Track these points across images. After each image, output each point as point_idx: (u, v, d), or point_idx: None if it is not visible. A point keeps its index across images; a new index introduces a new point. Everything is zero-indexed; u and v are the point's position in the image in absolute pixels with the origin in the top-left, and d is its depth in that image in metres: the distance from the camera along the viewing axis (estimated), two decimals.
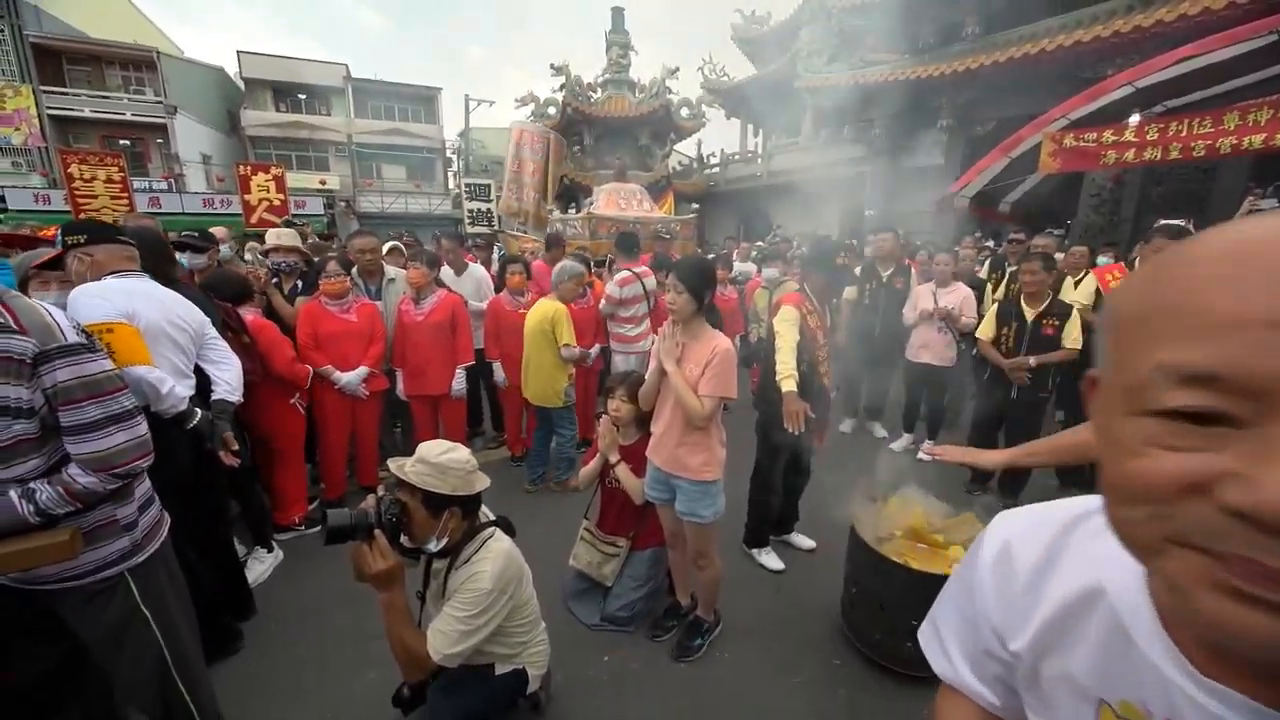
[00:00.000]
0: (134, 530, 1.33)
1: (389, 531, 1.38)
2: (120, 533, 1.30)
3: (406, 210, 21.46)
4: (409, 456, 1.48)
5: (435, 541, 1.47)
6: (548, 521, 3.09)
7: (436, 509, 1.44)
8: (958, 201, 7.99)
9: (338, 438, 3.14)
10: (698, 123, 14.75)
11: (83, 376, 1.18)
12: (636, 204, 7.16)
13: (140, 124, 17.68)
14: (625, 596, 2.33)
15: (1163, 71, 5.75)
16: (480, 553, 1.51)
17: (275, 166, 7.85)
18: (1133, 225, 7.73)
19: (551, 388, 3.37)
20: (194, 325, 2.03)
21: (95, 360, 1.22)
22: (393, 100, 23.19)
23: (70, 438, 1.19)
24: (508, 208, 8.18)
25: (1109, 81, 6.31)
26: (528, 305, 3.78)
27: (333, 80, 21.61)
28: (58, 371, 1.15)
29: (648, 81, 14.32)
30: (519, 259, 3.99)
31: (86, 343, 1.21)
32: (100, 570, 1.27)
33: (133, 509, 1.34)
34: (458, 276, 4.12)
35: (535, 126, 8.59)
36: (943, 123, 9.86)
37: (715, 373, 1.87)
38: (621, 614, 2.31)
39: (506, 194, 8.19)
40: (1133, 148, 5.79)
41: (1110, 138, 5.95)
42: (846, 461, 3.71)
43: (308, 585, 2.55)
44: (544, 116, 13.77)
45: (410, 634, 1.44)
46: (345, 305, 3.11)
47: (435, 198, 22.49)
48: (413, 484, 1.41)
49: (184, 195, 14.67)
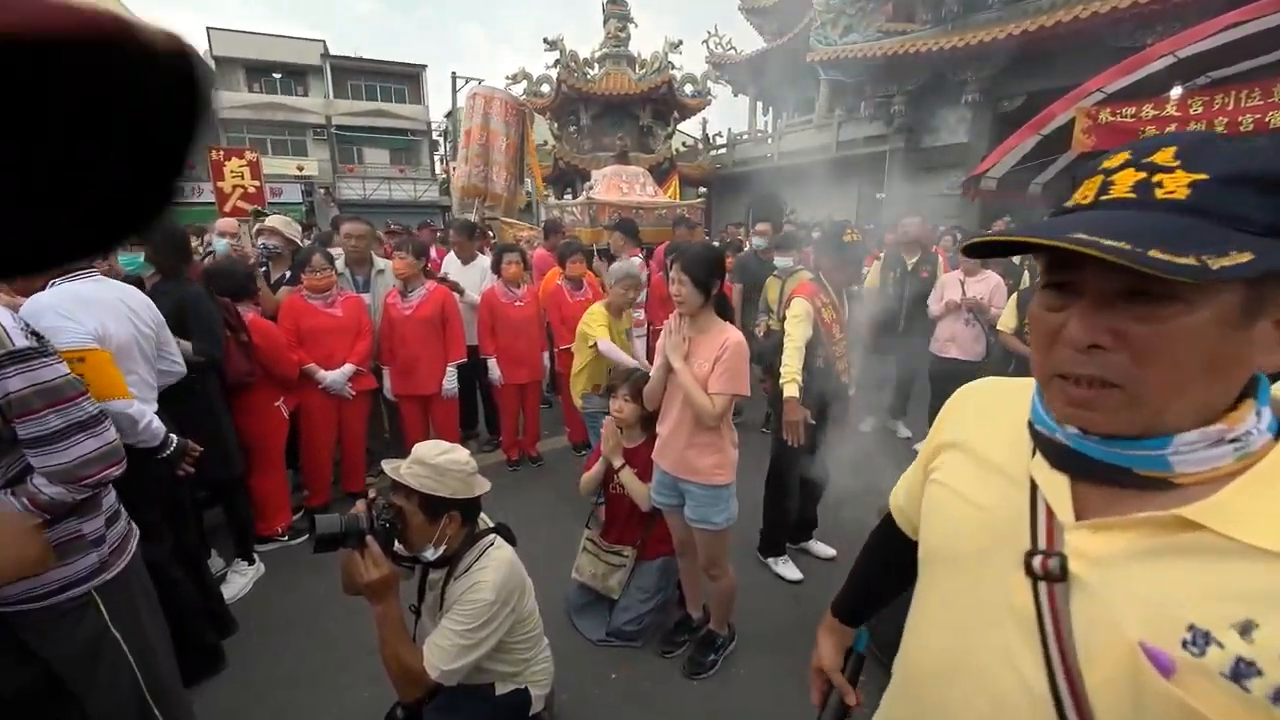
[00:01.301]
0: (101, 546, 1.32)
1: (382, 538, 1.38)
2: (87, 548, 1.29)
3: (391, 197, 21.47)
4: (402, 459, 1.48)
5: (432, 549, 1.47)
6: (549, 530, 3.10)
7: (434, 514, 1.44)
8: (985, 183, 7.94)
9: (323, 441, 3.15)
10: (703, 100, 14.67)
11: (38, 384, 1.15)
12: (639, 188, 7.13)
13: None
14: (633, 609, 2.33)
15: (1208, 39, 5.69)
16: (480, 561, 1.51)
17: (250, 151, 7.83)
18: None
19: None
20: (155, 326, 2.01)
21: (50, 365, 1.19)
22: (375, 79, 23.15)
23: (32, 451, 1.17)
24: (470, 188, 6.63)
25: (1149, 51, 6.25)
26: (524, 298, 3.79)
27: (310, 58, 21.57)
28: (9, 380, 1.13)
29: (649, 56, 14.24)
30: (515, 248, 3.98)
31: (38, 346, 1.18)
32: (67, 589, 1.26)
33: (99, 523, 1.33)
34: (464, 267, 4.13)
35: (506, 93, 6.96)
36: (968, 98, 9.79)
37: (726, 368, 1.86)
38: (629, 628, 2.31)
39: (467, 171, 6.65)
40: (1175, 123, 5.74)
41: (1150, 112, 5.90)
42: (868, 464, 3.70)
43: (294, 598, 2.56)
44: (537, 95, 13.71)
45: (406, 649, 1.43)
46: (329, 299, 3.11)
47: (421, 183, 22.49)
48: (409, 487, 1.41)
49: None
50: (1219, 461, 0.47)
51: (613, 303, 3.27)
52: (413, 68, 23.55)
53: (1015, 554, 0.55)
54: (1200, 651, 0.45)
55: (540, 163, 14.64)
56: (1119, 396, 0.48)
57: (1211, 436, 0.47)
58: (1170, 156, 0.47)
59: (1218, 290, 0.44)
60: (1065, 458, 0.54)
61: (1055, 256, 0.49)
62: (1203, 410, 0.47)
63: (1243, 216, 0.43)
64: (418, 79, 23.73)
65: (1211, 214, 0.44)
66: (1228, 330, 0.45)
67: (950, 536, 0.65)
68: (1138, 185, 0.47)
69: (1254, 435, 0.47)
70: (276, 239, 3.51)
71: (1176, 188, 0.45)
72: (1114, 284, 0.47)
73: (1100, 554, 0.51)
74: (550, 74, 13.86)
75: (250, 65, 21.36)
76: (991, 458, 0.63)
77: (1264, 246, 0.42)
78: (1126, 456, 0.50)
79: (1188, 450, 0.48)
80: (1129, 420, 0.49)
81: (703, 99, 14.66)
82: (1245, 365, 0.47)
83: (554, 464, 4.03)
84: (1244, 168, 0.44)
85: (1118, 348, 0.47)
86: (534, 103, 13.94)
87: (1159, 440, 0.48)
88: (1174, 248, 0.41)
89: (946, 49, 9.18)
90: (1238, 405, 0.48)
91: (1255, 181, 0.44)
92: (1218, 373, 0.46)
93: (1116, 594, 0.50)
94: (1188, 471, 0.48)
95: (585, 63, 14.14)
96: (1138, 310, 0.46)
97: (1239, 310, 0.44)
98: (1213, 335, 0.45)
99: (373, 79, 23.13)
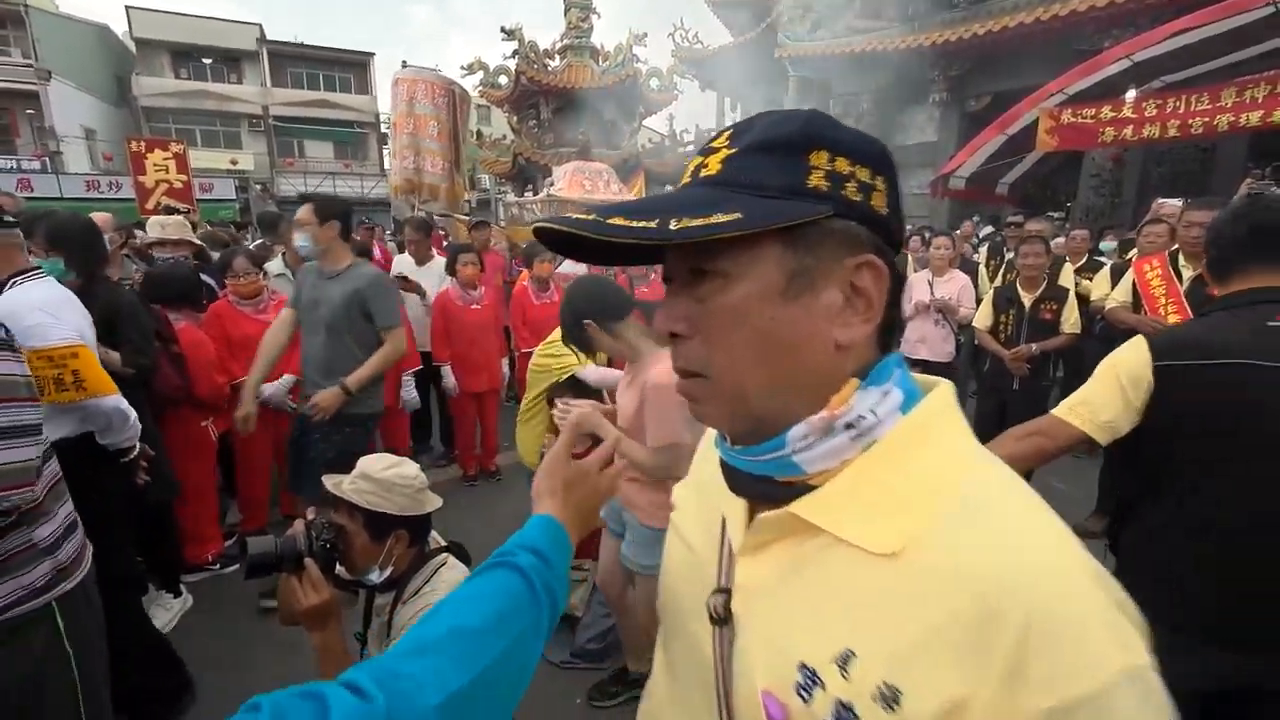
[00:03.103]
0: (57, 553, 1.30)
1: (322, 560, 1.34)
2: (40, 557, 1.27)
3: (335, 193, 20.90)
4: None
5: (378, 572, 1.43)
6: None
7: (379, 533, 1.40)
8: (953, 182, 8.29)
9: (259, 460, 3.03)
10: (669, 95, 14.82)
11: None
12: (603, 185, 7.16)
13: (5, 91, 16.69)
14: (595, 626, 2.33)
15: (1158, 45, 6.11)
16: (431, 583, 1.47)
17: (175, 142, 7.53)
18: (1134, 207, 8.17)
19: None
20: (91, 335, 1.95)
21: (8, 360, 1.18)
22: (317, 67, 22.57)
23: None
24: (405, 183, 6.48)
25: (1106, 54, 6.67)
26: (481, 301, 3.74)
27: (244, 42, 20.89)
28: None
29: (612, 49, 14.33)
30: (470, 248, 3.94)
31: (6, 339, 1.18)
32: (22, 602, 1.23)
33: (53, 528, 1.30)
34: (419, 267, 4.06)
35: (432, 75, 6.74)
36: (935, 97, 10.22)
37: (651, 418, 1.64)
38: (592, 646, 2.31)
39: (398, 165, 6.50)
40: (1131, 124, 6.14)
41: (1108, 114, 6.29)
42: None
43: (225, 632, 2.46)
44: (495, 86, 13.62)
45: None
46: (260, 304, 3.00)
47: (369, 179, 21.98)
48: (351, 503, 1.38)
49: (62, 176, 13.95)
50: (846, 454, 0.45)
51: None
52: (359, 55, 23.08)
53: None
54: (808, 696, 0.41)
55: (499, 158, 14.61)
56: (706, 386, 0.47)
57: (817, 426, 0.44)
58: (725, 138, 0.47)
59: (754, 261, 0.43)
60: (731, 476, 0.51)
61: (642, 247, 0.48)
62: (808, 398, 0.45)
63: (758, 183, 0.43)
64: (365, 67, 23.26)
65: (734, 184, 0.44)
66: (775, 302, 0.44)
67: (673, 584, 0.60)
68: (695, 169, 0.48)
69: (870, 419, 0.44)
70: (184, 249, 3.31)
71: (714, 164, 0.46)
72: (682, 268, 0.47)
73: (754, 584, 0.48)
74: (508, 65, 13.78)
75: (177, 49, 20.55)
76: (706, 488, 0.57)
77: (769, 208, 0.42)
78: (760, 464, 0.47)
79: (804, 445, 0.45)
80: (732, 415, 0.48)
81: (669, 94, 14.82)
82: (816, 341, 0.45)
83: (514, 480, 3.98)
84: (767, 136, 0.44)
85: (691, 333, 0.47)
86: (492, 95, 13.85)
87: (777, 440, 0.45)
88: (658, 215, 0.41)
89: (913, 48, 9.55)
90: (841, 387, 0.45)
91: (770, 148, 0.44)
92: (783, 350, 0.44)
93: (756, 631, 0.47)
94: (818, 470, 0.45)
95: (546, 54, 14.11)
96: (697, 290, 0.46)
97: (784, 280, 0.43)
98: (756, 308, 0.44)
99: (315, 66, 22.56)
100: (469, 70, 13.36)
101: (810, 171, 0.43)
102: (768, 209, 0.42)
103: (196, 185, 8.15)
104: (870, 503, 0.43)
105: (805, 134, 0.44)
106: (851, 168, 0.44)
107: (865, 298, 0.45)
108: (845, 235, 0.44)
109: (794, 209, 0.42)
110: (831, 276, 0.44)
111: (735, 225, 0.40)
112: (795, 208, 0.42)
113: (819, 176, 0.43)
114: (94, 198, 12.75)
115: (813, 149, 0.44)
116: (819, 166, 0.43)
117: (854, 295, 0.45)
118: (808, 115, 0.45)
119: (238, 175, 18.89)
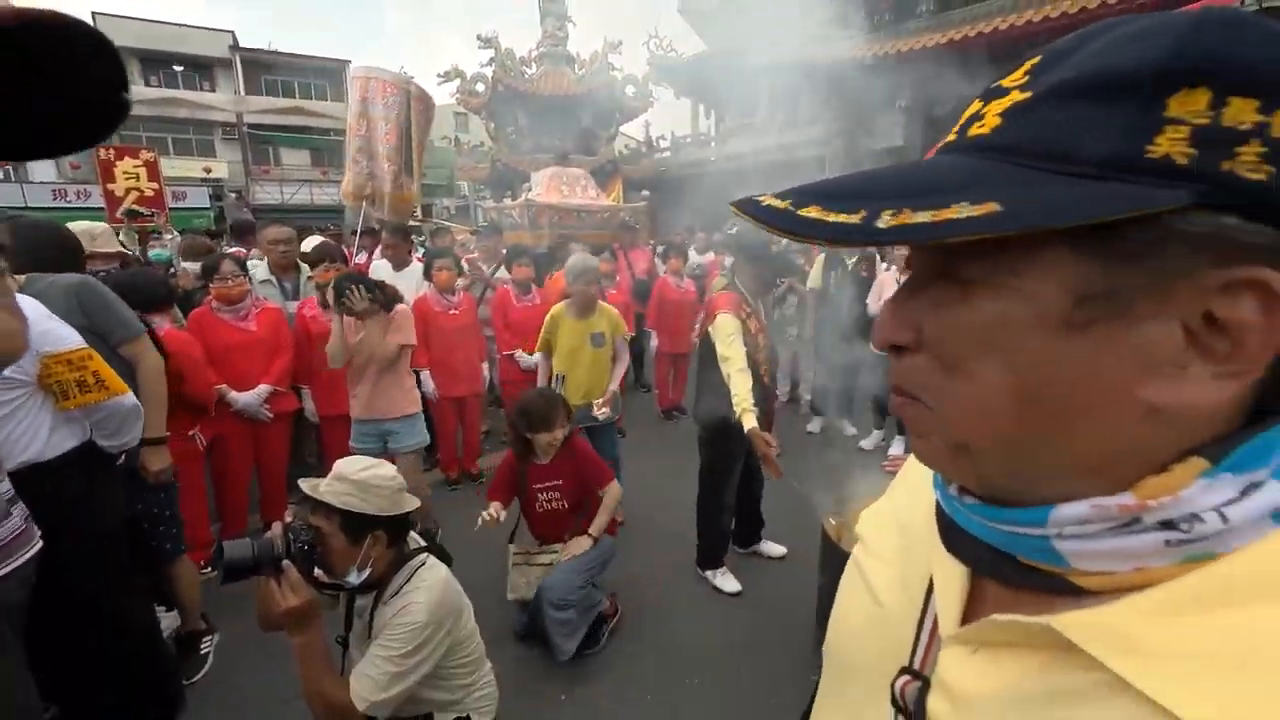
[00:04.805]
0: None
1: (301, 563, 1.33)
2: None
3: (312, 201, 20.52)
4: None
5: (357, 573, 1.42)
6: (493, 550, 3.03)
7: (357, 534, 1.39)
8: None
9: (238, 470, 2.96)
10: (645, 102, 14.90)
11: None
12: (581, 190, 7.16)
13: None
14: (566, 582, 2.25)
15: None
16: (411, 583, 1.47)
17: (146, 150, 7.35)
18: None
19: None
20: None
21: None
22: (292, 74, 22.18)
23: None
24: (355, 189, 6.00)
25: None
26: (459, 306, 3.73)
27: (216, 49, 20.43)
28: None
29: (588, 56, 14.37)
30: (448, 252, 3.93)
31: None
32: None
33: None
34: (396, 272, 4.03)
35: (390, 74, 6.18)
36: (901, 103, 10.45)
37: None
38: (570, 599, 2.23)
39: (351, 170, 6.08)
40: None
41: None
42: (815, 463, 3.85)
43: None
44: (473, 94, 13.54)
45: (331, 684, 1.38)
46: (241, 311, 2.95)
47: None
48: (329, 506, 1.37)
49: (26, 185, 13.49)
50: (1147, 560, 0.29)
51: (574, 302, 3.04)
52: (334, 63, 22.74)
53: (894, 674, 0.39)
54: None
55: (477, 164, 14.52)
56: (929, 419, 0.34)
57: (1111, 512, 0.29)
58: (1023, 72, 0.31)
59: (1021, 272, 0.29)
60: (951, 535, 0.37)
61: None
62: (1089, 472, 0.30)
63: (1060, 150, 0.28)
64: (340, 75, 22.89)
65: (1016, 150, 0.29)
66: (1049, 333, 0.29)
67: (847, 636, 0.47)
68: (965, 123, 0.33)
69: (1213, 523, 0.27)
70: (115, 261, 3.17)
71: (991, 117, 0.31)
72: (928, 262, 0.34)
73: (965, 689, 0.34)
74: (485, 72, 13.73)
75: (146, 56, 19.98)
76: (913, 534, 0.44)
77: (1055, 199, 0.26)
78: (1002, 533, 0.33)
79: (1078, 532, 0.30)
80: (960, 467, 0.34)
81: (645, 101, 14.91)
82: (1114, 397, 0.28)
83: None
84: (1101, 67, 0.28)
85: (918, 347, 0.34)
86: (470, 101, 13.76)
87: (1034, 513, 0.31)
88: (870, 202, 0.28)
89: (878, 55, 9.76)
90: (1171, 467, 0.28)
91: (1099, 88, 0.27)
92: (1050, 402, 0.29)
93: None
94: (1090, 570, 0.30)
95: (523, 61, 14.10)
96: (936, 291, 0.32)
97: (1069, 302, 0.28)
98: (1014, 338, 0.29)
99: (290, 74, 22.16)
100: (446, 78, 13.28)
101: (1162, 128, 0.26)
102: (1050, 200, 0.26)
103: (170, 194, 7.96)
104: (1197, 651, 0.26)
105: (1179, 58, 0.26)
106: (1264, 116, 0.25)
107: (1231, 337, 0.27)
108: (1209, 237, 0.26)
109: (1103, 200, 0.26)
110: (1168, 300, 0.27)
111: (979, 225, 0.25)
112: (1107, 197, 0.26)
113: (1177, 137, 0.25)
114: (61, 207, 12.36)
115: (1182, 86, 0.25)
116: (1184, 119, 0.25)
117: (1208, 333, 0.27)
118: (1196, 19, 0.26)
119: (212, 183, 18.45)
